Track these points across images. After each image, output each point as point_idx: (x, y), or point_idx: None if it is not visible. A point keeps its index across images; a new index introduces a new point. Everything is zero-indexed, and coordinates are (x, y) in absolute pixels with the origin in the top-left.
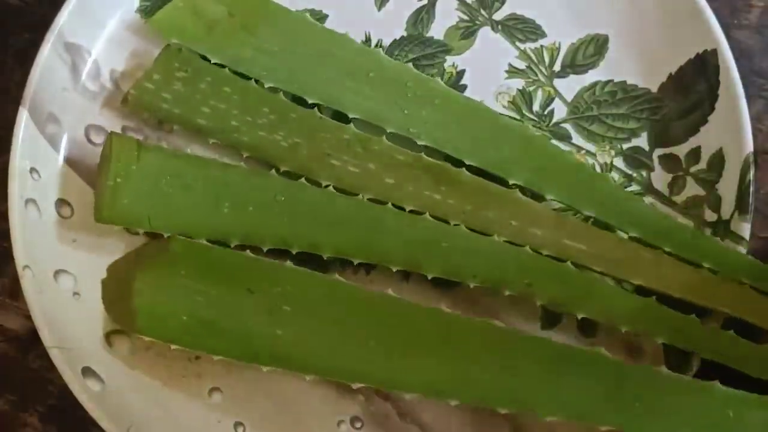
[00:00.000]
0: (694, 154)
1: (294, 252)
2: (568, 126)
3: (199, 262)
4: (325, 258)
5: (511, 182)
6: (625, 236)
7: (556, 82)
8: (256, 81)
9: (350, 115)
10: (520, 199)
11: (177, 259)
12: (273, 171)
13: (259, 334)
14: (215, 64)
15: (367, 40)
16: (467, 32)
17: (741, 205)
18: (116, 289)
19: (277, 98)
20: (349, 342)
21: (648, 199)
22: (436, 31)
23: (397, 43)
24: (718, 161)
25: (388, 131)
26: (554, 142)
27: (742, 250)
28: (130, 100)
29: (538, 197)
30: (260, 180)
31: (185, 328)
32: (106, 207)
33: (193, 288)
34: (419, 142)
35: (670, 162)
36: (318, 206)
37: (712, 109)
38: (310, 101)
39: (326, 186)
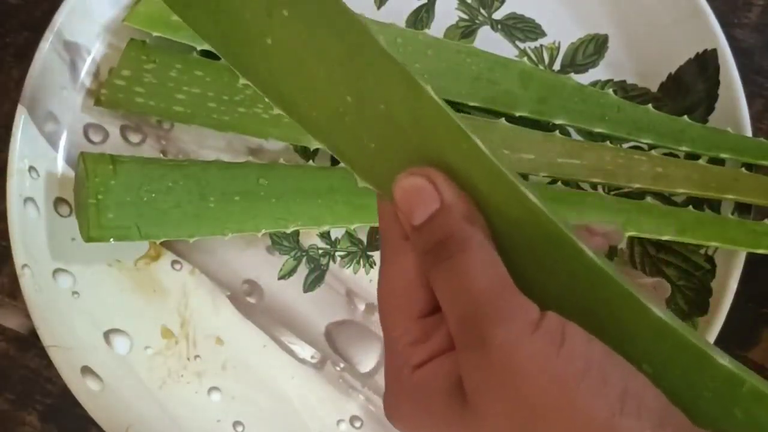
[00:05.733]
0: (694, 154)
1: (289, 231)
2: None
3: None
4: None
5: (517, 115)
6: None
7: None
8: None
9: None
10: (507, 126)
11: None
12: (250, 157)
13: (249, 30)
14: (179, 45)
15: None
16: (467, 31)
17: (740, 208)
18: None
19: None
20: (328, 89)
21: (649, 199)
22: (436, 29)
23: None
24: (718, 161)
25: None
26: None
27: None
28: (104, 100)
29: (546, 124)
30: (239, 169)
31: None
32: (93, 226)
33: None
34: None
35: None
36: (302, 180)
37: (712, 109)
38: None
39: (314, 150)
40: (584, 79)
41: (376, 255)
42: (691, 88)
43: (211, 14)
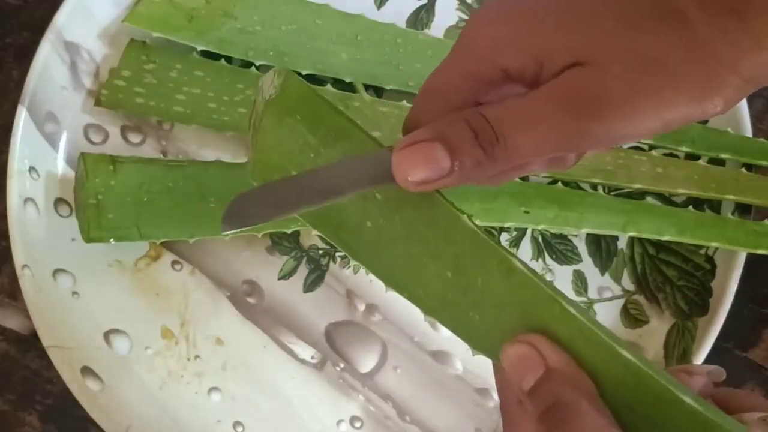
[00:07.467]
0: (694, 154)
1: (290, 232)
2: None
3: (311, 113)
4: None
5: None
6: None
7: None
8: (227, 60)
9: (346, 80)
10: None
11: (293, 104)
12: None
13: (348, 214)
14: (179, 46)
15: None
16: None
17: (741, 208)
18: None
19: (250, 73)
20: (429, 267)
21: (649, 199)
22: (436, 29)
23: None
24: (718, 161)
25: (387, 89)
26: None
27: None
28: (104, 100)
29: None
30: (239, 169)
31: None
32: (93, 226)
33: (305, 140)
34: None
35: None
36: None
37: None
38: (303, 73)
39: None
40: None
41: None
42: None
43: None
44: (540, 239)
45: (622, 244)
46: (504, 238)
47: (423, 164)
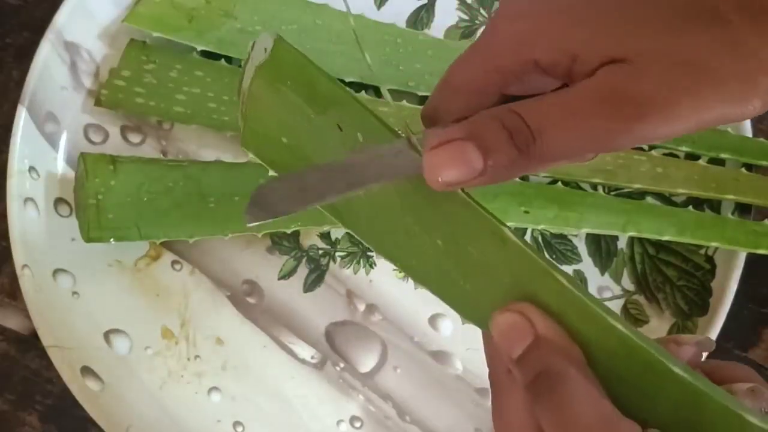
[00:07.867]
0: (694, 154)
1: (289, 231)
2: None
3: (302, 79)
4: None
5: None
6: None
7: None
8: (227, 60)
9: (347, 80)
10: None
11: (283, 70)
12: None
13: None
14: (179, 46)
15: None
16: (467, 31)
17: (741, 208)
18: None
19: None
20: (420, 236)
21: (649, 199)
22: (436, 29)
23: None
24: (718, 161)
25: (387, 89)
26: None
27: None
28: (104, 100)
29: None
30: (239, 169)
31: (284, 150)
32: (93, 226)
33: (296, 106)
34: (420, 94)
35: None
36: None
37: None
38: None
39: None
40: None
41: (377, 255)
42: None
43: None
44: (540, 239)
45: (622, 244)
46: None
47: (455, 165)
